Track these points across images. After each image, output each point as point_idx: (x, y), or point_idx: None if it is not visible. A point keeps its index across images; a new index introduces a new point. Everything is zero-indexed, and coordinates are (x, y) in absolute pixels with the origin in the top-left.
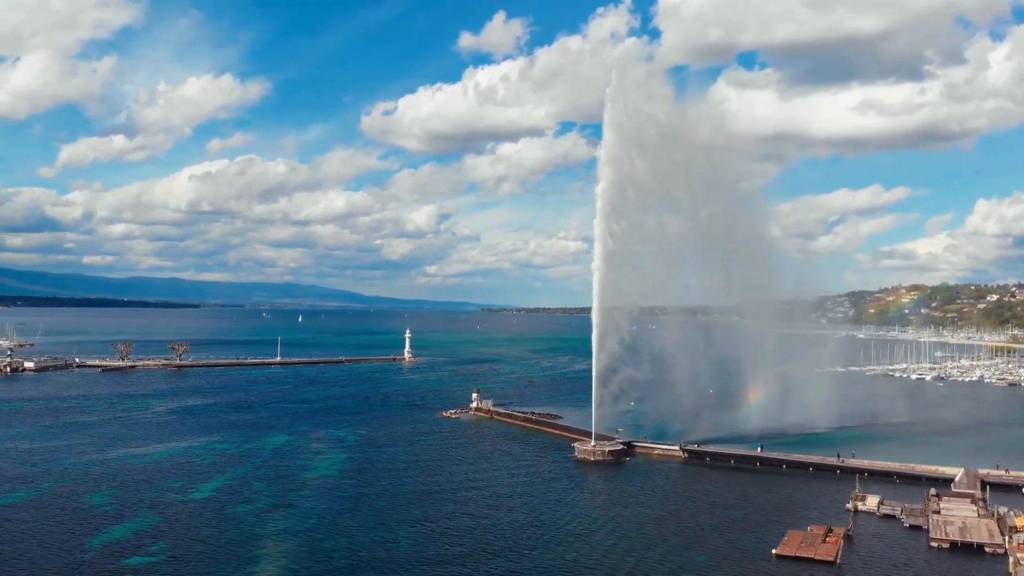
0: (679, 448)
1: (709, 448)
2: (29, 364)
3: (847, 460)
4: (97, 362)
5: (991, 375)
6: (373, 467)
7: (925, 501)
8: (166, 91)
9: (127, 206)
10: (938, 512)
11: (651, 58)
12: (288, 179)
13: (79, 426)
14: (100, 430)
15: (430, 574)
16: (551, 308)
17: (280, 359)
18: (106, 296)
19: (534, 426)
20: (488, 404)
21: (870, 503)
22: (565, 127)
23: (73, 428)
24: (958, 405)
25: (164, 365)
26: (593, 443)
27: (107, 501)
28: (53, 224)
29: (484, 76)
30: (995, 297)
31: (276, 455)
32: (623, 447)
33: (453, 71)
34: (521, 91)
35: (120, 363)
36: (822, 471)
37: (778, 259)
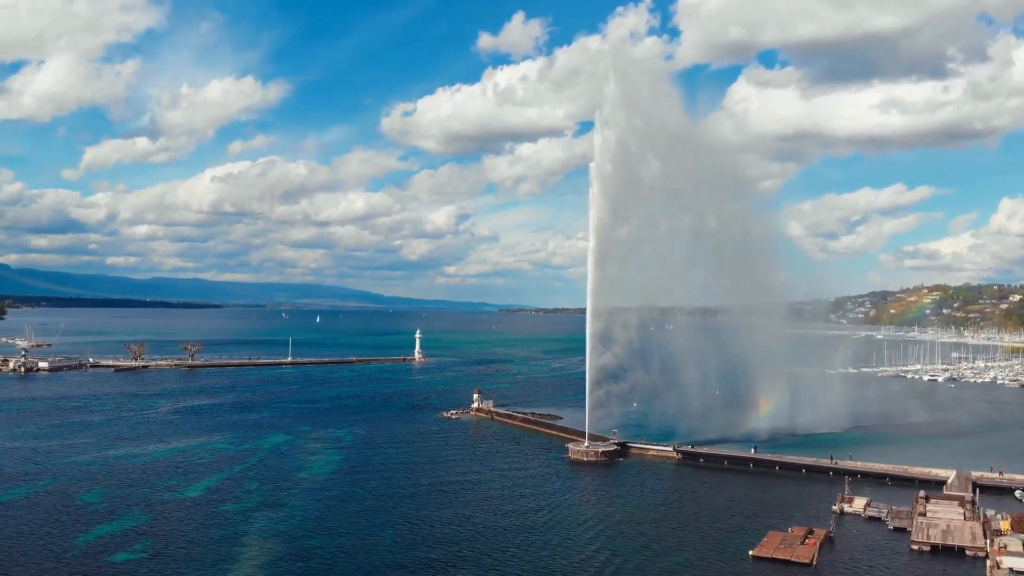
0: (673, 449)
1: (703, 449)
2: (43, 364)
3: (840, 462)
4: (110, 362)
5: (1004, 376)
6: (366, 467)
7: (913, 503)
8: (189, 93)
9: (150, 207)
10: (924, 515)
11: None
12: (309, 180)
13: (83, 425)
14: (103, 429)
15: (411, 569)
16: (570, 308)
17: (291, 359)
18: (129, 297)
19: (533, 427)
20: (488, 405)
21: (857, 505)
22: (584, 127)
23: (78, 427)
24: (966, 407)
25: (176, 365)
26: (586, 444)
27: (100, 499)
28: (77, 225)
29: (503, 76)
30: (1018, 297)
31: (272, 454)
32: (617, 448)
33: (472, 72)
34: (540, 91)
35: (133, 363)
36: (815, 473)
37: (793, 260)
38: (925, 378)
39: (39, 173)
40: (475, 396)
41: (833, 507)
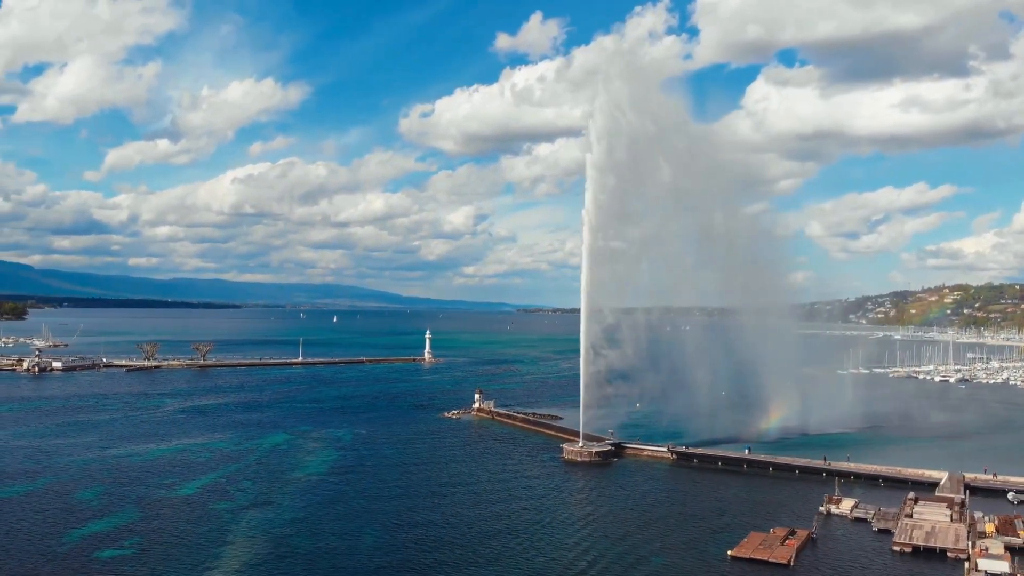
0: (667, 450)
1: (697, 450)
2: (57, 364)
3: (834, 463)
4: (123, 362)
5: (1017, 378)
6: (361, 467)
7: (901, 505)
8: (209, 95)
9: (171, 208)
10: (910, 516)
11: (689, 56)
12: (328, 181)
13: (90, 424)
14: (108, 428)
15: (388, 572)
16: None
17: (302, 359)
18: (151, 297)
19: (532, 427)
20: (490, 405)
21: (844, 506)
22: None
23: (84, 426)
24: (973, 408)
25: (188, 365)
26: (581, 444)
27: (96, 497)
28: (100, 226)
29: (521, 77)
30: None
31: (271, 454)
32: (611, 448)
33: (490, 72)
34: (558, 91)
35: (145, 363)
36: (808, 474)
37: (813, 259)
38: (937, 379)
39: (62, 175)
40: (476, 396)
41: (820, 508)
